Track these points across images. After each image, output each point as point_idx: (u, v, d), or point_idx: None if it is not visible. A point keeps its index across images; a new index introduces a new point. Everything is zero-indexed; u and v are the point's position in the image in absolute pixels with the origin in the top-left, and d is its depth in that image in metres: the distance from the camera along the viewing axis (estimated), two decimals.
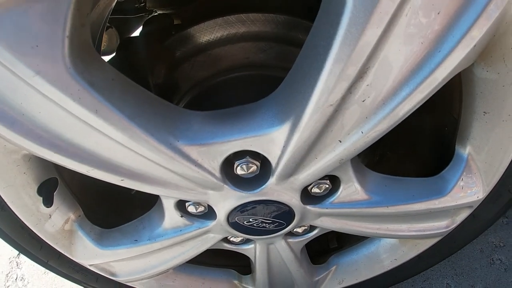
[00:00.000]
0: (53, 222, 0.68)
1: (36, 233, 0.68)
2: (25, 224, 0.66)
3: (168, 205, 0.59)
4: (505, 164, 0.58)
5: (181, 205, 0.60)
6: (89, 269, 0.77)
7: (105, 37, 1.06)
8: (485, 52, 0.44)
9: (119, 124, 0.42)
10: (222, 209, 0.57)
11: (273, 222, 0.60)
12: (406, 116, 0.46)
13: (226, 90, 0.59)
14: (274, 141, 0.47)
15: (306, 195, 0.58)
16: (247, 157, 0.50)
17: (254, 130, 0.47)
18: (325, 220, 0.64)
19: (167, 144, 0.45)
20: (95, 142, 0.45)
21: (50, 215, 0.68)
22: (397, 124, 0.47)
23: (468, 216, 0.72)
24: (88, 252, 0.71)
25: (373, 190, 0.62)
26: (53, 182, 0.65)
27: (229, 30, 0.55)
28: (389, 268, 0.82)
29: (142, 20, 1.14)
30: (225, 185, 0.52)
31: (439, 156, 0.74)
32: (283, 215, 0.59)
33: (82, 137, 0.45)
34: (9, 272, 1.17)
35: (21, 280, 1.15)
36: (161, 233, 0.64)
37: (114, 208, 0.78)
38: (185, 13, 0.59)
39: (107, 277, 0.79)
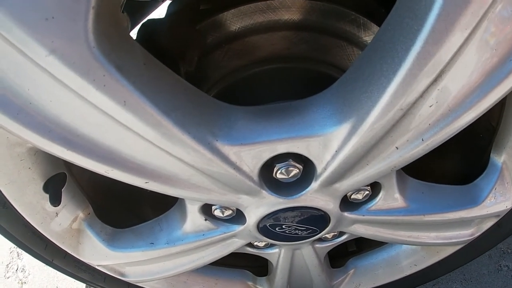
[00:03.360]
0: (60, 220, 0.59)
1: (41, 232, 0.58)
2: (29, 222, 0.56)
3: (192, 208, 0.51)
4: None
5: (206, 208, 0.51)
6: (96, 269, 0.68)
7: None
8: None
9: (152, 119, 0.33)
10: (253, 215, 0.48)
11: (306, 229, 0.52)
12: (469, 124, 0.40)
13: (261, 84, 0.50)
14: (326, 144, 0.39)
15: (344, 201, 0.50)
16: (290, 160, 0.42)
17: (304, 131, 0.38)
18: (358, 227, 0.56)
19: (205, 143, 0.36)
20: (119, 139, 0.36)
21: (56, 213, 0.58)
22: (457, 132, 0.40)
23: (493, 224, 0.67)
24: (98, 253, 0.62)
25: (411, 197, 0.54)
26: (61, 178, 0.55)
27: (270, 17, 0.46)
28: (407, 273, 0.76)
29: (154, 6, 1.02)
30: (262, 190, 0.44)
31: (470, 163, 0.68)
32: (318, 221, 0.51)
33: (103, 132, 0.35)
34: (9, 263, 1.06)
35: (21, 271, 1.04)
36: (181, 237, 0.55)
37: (127, 206, 0.69)
38: None
39: (116, 277, 0.70)
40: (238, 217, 0.52)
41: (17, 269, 1.05)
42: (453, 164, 0.70)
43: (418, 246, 0.73)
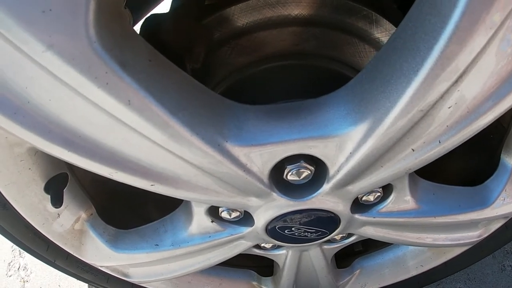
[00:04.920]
0: (62, 221, 0.56)
1: (43, 233, 0.56)
2: (30, 224, 0.54)
3: (199, 210, 0.48)
4: None
5: (213, 210, 0.49)
6: (99, 270, 0.66)
7: None
8: None
9: (158, 119, 0.30)
10: (262, 217, 0.46)
11: (316, 231, 0.49)
12: (487, 125, 0.38)
13: (269, 81, 0.48)
14: (341, 145, 0.36)
15: (355, 203, 0.48)
16: (301, 161, 0.39)
17: (317, 131, 0.36)
18: (368, 228, 0.54)
19: (214, 145, 0.33)
20: (122, 140, 0.33)
21: (58, 214, 0.56)
22: (476, 133, 0.38)
23: (501, 226, 0.65)
24: (101, 254, 0.60)
25: (422, 199, 0.52)
26: (62, 179, 0.53)
27: (280, 11, 0.43)
28: (413, 274, 0.74)
29: (157, 1, 0.99)
30: (272, 192, 0.41)
31: (480, 164, 0.66)
32: (328, 223, 0.49)
33: (106, 133, 0.33)
34: (12, 261, 1.05)
35: (23, 269, 1.02)
36: (186, 239, 0.53)
37: (131, 206, 0.66)
38: None
39: (119, 278, 0.68)
40: (245, 219, 0.49)
41: (19, 267, 1.03)
42: (463, 165, 0.68)
43: (426, 247, 0.71)
